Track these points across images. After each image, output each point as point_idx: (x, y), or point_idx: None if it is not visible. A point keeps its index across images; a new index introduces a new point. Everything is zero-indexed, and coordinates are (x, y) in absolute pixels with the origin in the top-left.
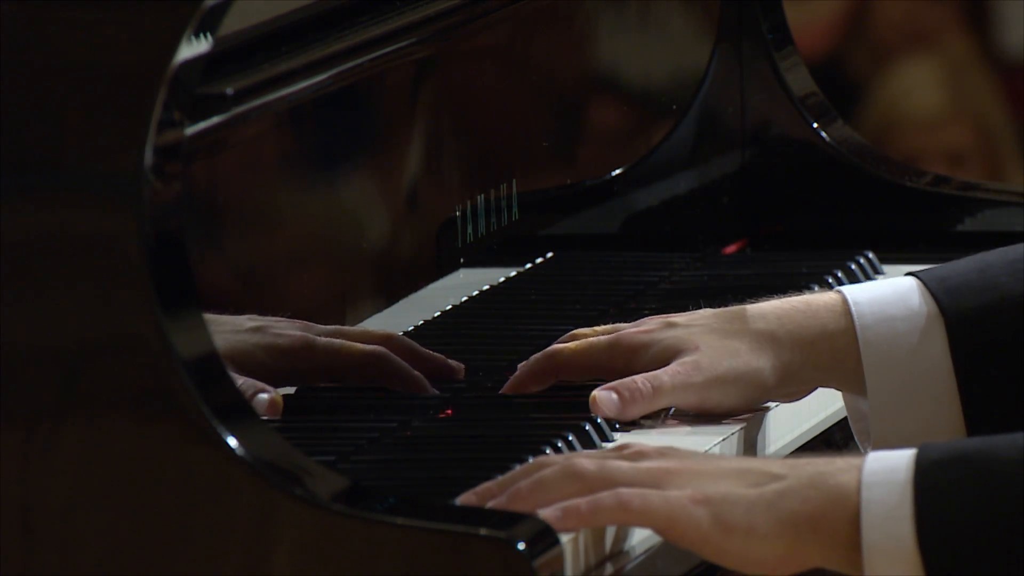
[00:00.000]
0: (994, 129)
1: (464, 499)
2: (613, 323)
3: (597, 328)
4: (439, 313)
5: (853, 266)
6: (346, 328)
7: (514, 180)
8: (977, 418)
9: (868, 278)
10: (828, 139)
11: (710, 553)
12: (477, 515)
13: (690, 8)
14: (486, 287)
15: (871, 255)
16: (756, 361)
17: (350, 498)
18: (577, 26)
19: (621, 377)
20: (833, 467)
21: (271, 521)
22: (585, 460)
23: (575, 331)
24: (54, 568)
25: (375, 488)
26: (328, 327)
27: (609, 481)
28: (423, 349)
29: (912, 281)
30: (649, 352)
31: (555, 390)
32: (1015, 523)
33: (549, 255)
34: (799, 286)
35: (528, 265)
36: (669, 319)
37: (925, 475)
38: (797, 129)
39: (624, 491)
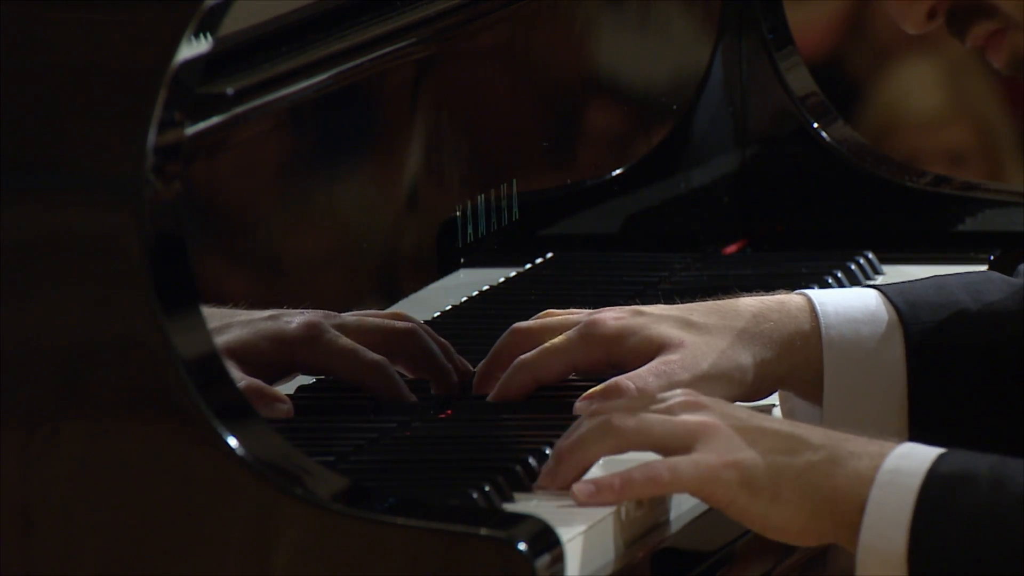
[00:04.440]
0: (994, 129)
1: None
2: None
3: (558, 313)
4: (439, 313)
5: (853, 266)
6: (370, 312)
7: (514, 180)
8: (920, 427)
9: (868, 278)
10: (828, 139)
11: (735, 513)
12: (477, 515)
13: (690, 8)
14: (486, 287)
15: (871, 255)
16: (738, 358)
17: (350, 498)
18: (577, 26)
19: (602, 370)
20: (864, 450)
21: (271, 521)
22: (623, 416)
23: (545, 312)
24: (54, 568)
25: (375, 488)
26: (351, 314)
27: (645, 437)
28: (437, 353)
29: (874, 291)
30: (628, 341)
31: (555, 388)
32: (1004, 559)
33: (549, 255)
34: (799, 286)
35: (528, 265)
36: (636, 308)
37: (931, 489)
38: (797, 129)
39: (654, 465)
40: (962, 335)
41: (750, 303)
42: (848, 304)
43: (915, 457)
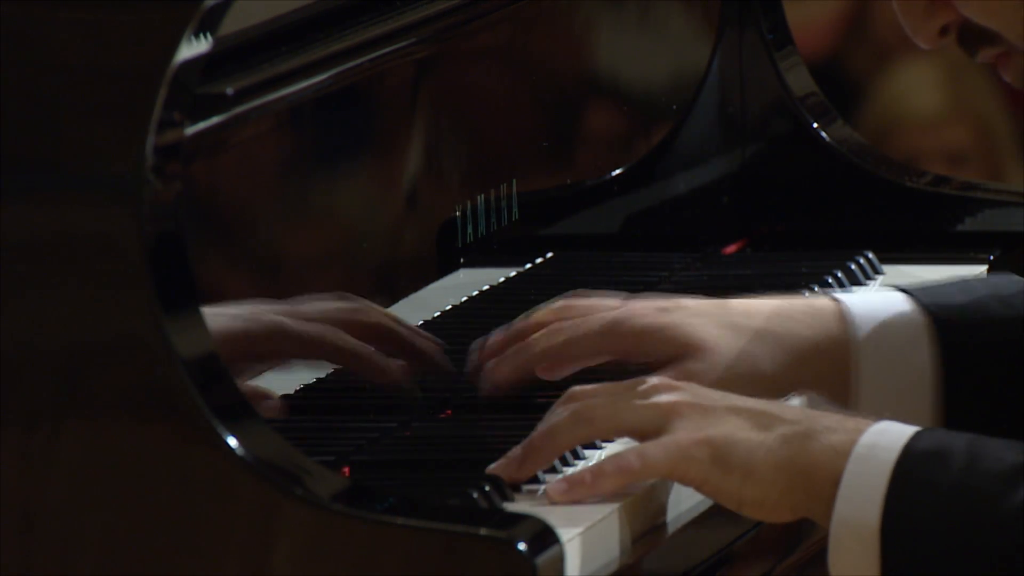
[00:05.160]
0: (994, 129)
1: (495, 468)
2: None
3: (587, 293)
4: (439, 313)
5: (853, 266)
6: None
7: (514, 180)
8: (953, 428)
9: (868, 278)
10: (828, 139)
11: (710, 491)
12: (477, 515)
13: (690, 8)
14: (486, 287)
15: (871, 255)
16: (760, 362)
17: (350, 498)
18: (577, 26)
19: (626, 362)
20: (841, 426)
21: (271, 521)
22: (596, 403)
23: (574, 292)
24: (54, 568)
25: (375, 488)
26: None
27: (617, 423)
28: (406, 335)
29: (901, 293)
30: (651, 341)
31: (557, 388)
32: (974, 535)
33: (549, 255)
34: (799, 286)
35: (528, 265)
36: (663, 304)
37: (906, 464)
38: (797, 129)
39: (624, 455)
40: (990, 335)
41: (777, 305)
42: (877, 307)
43: (892, 433)
